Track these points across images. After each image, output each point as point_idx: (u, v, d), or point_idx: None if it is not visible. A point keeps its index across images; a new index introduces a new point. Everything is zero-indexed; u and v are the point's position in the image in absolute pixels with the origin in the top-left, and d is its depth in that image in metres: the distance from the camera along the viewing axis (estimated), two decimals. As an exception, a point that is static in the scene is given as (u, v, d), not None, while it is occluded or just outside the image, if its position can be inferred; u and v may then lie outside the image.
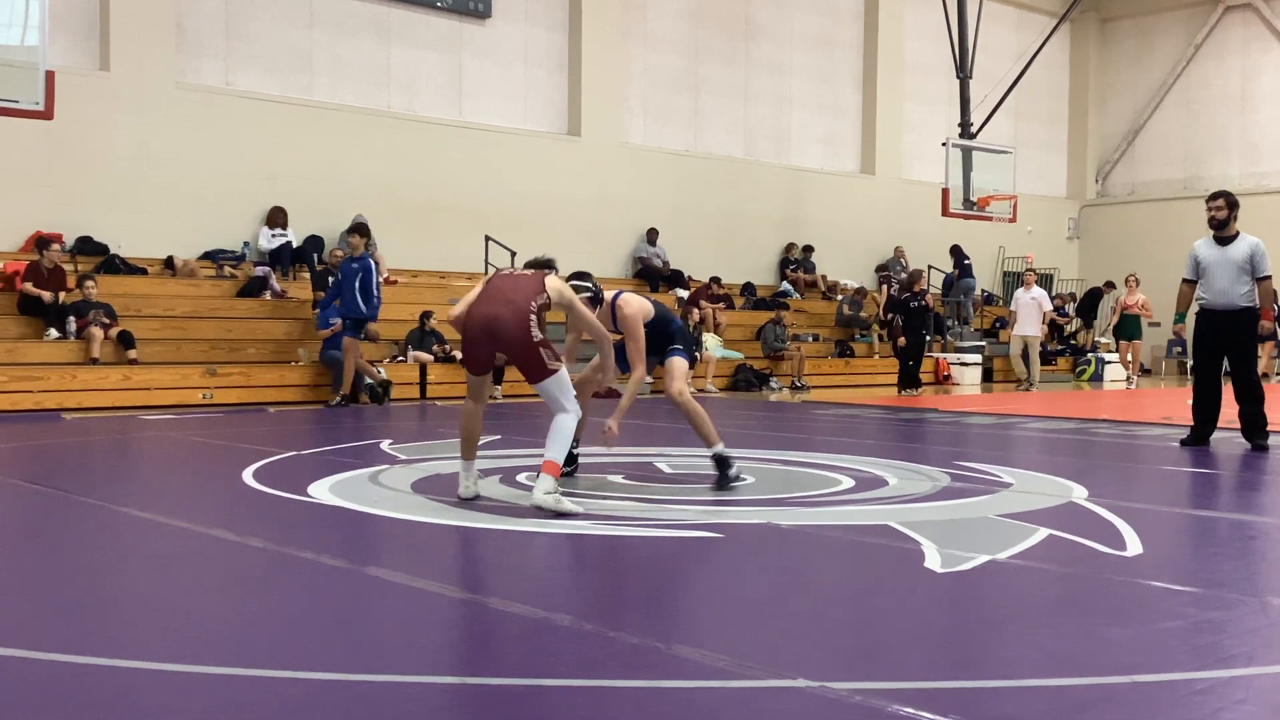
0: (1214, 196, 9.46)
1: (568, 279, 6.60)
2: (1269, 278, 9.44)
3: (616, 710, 3.02)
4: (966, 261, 23.44)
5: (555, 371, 6.01)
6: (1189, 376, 10.68)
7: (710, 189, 21.28)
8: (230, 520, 5.82)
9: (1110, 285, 24.15)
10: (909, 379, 17.34)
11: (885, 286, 20.34)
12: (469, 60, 18.72)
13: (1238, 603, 4.18)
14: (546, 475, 5.84)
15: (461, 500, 6.16)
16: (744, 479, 6.90)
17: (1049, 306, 19.26)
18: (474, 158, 18.33)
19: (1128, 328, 21.35)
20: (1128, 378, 21.31)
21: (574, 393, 6.14)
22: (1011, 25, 25.72)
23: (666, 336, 7.06)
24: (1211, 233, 9.50)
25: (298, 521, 5.79)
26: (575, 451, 7.21)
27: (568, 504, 5.82)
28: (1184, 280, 9.71)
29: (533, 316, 5.93)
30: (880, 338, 20.75)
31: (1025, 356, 19.05)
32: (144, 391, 13.07)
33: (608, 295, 6.82)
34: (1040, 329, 19.21)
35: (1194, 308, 9.73)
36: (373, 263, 13.57)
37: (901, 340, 17.48)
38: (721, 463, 6.82)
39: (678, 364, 7.00)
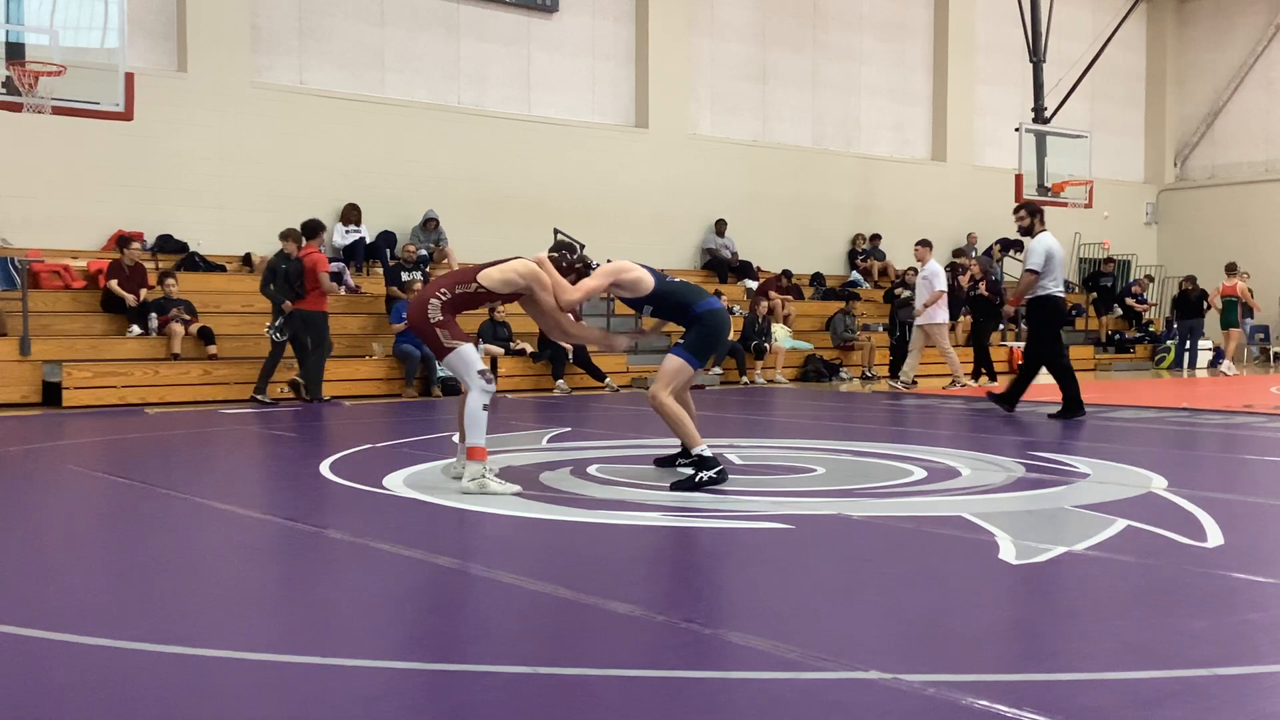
0: (1016, 209, 11.39)
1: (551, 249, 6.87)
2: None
3: (688, 701, 3.03)
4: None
5: (452, 350, 6.31)
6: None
7: (779, 179, 21.18)
8: (309, 512, 5.93)
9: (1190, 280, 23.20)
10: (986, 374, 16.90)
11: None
12: (537, 54, 18.81)
13: (1323, 595, 4.09)
14: (471, 462, 6.18)
15: (452, 477, 6.56)
16: (717, 483, 6.33)
17: (941, 285, 15.19)
18: (542, 151, 18.42)
19: (1226, 314, 20.76)
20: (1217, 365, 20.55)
21: (481, 367, 6.33)
22: (1086, 6, 25.23)
23: (682, 320, 6.68)
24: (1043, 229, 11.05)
25: (374, 513, 5.88)
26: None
27: (494, 485, 6.13)
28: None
29: (434, 301, 6.29)
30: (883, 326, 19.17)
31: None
32: (224, 386, 13.33)
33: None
34: (938, 314, 15.26)
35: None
36: None
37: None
38: (701, 463, 6.37)
39: (666, 364, 6.58)
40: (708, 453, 6.43)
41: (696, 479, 6.33)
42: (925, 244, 15.64)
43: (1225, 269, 21.38)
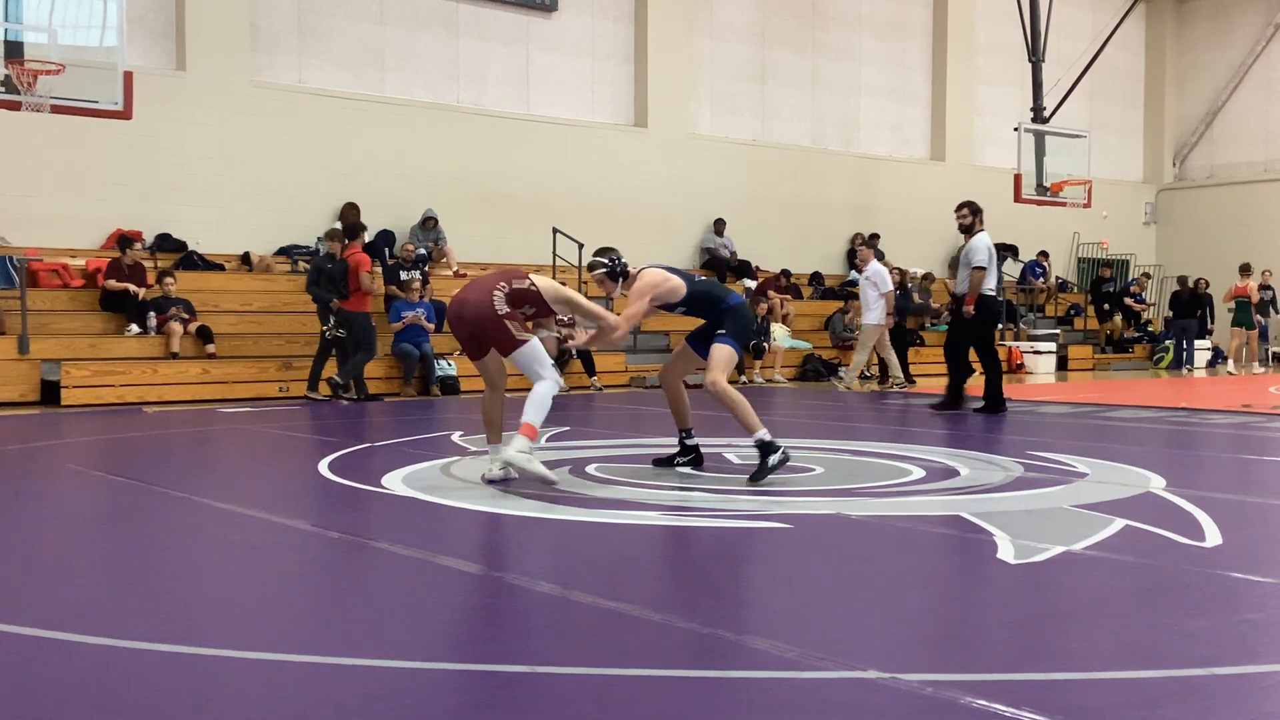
0: (959, 207, 11.51)
1: (593, 254, 6.99)
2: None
3: (686, 701, 3.03)
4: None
5: (525, 343, 6.34)
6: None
7: (778, 178, 21.17)
8: (307, 511, 5.93)
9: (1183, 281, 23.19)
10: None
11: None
12: (536, 53, 18.80)
13: (1322, 595, 4.09)
14: (521, 436, 6.18)
15: (485, 481, 6.48)
16: (785, 463, 6.56)
17: (888, 286, 14.95)
18: (542, 150, 18.42)
19: (1239, 314, 20.83)
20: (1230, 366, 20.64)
21: (551, 363, 6.39)
22: (1085, 6, 25.24)
23: (713, 315, 6.86)
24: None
25: (373, 512, 5.88)
26: (690, 443, 7.16)
27: (538, 466, 6.16)
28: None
29: (497, 294, 6.30)
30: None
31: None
32: (222, 385, 13.34)
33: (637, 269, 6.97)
34: (884, 318, 14.96)
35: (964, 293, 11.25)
36: None
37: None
38: (764, 449, 6.55)
39: (718, 353, 6.75)
40: (767, 437, 6.59)
41: (769, 463, 6.49)
42: (869, 245, 15.75)
43: (1240, 269, 21.45)
